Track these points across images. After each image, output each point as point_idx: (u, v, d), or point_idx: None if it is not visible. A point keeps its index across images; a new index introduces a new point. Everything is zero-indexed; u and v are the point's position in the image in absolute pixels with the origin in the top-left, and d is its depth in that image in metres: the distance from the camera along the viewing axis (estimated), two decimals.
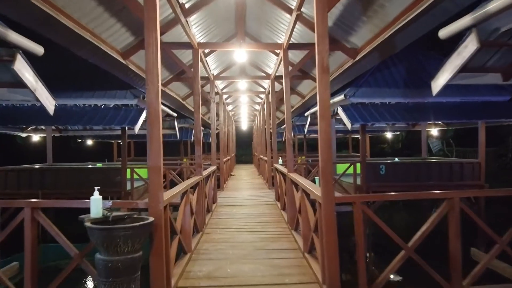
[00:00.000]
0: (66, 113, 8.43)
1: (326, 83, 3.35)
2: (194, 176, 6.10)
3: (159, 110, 3.28)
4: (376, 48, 5.75)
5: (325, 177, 3.28)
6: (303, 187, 4.47)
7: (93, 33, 5.09)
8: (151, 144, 3.23)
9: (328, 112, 3.35)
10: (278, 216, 7.30)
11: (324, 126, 3.32)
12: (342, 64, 6.98)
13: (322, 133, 3.33)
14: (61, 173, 9.00)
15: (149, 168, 3.23)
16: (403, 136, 30.35)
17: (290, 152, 6.34)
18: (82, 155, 19.14)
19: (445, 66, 4.15)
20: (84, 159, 15.09)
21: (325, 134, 3.32)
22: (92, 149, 23.10)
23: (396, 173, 9.47)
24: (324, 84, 3.35)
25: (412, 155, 26.96)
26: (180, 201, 4.60)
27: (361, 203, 3.29)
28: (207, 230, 6.17)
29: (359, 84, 9.17)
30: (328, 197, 3.26)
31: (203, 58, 8.13)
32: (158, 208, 3.21)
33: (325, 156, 3.30)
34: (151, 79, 3.25)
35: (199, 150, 6.14)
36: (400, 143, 32.47)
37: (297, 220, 5.54)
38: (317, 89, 3.42)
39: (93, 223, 2.82)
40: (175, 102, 11.22)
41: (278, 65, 8.56)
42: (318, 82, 3.38)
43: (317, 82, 3.41)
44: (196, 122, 6.16)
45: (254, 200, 9.43)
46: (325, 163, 3.30)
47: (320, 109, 3.35)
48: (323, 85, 3.35)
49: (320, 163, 3.32)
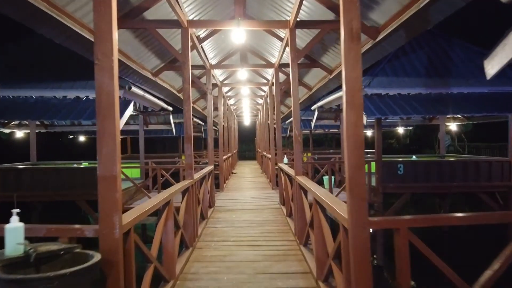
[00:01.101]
0: (43, 106, 7.44)
1: (357, 57, 2.33)
2: (184, 180, 5.10)
3: (115, 95, 2.27)
4: (403, 24, 4.70)
5: (355, 192, 2.26)
6: (319, 199, 3.45)
7: (54, 5, 4.08)
8: (102, 144, 2.23)
9: (359, 98, 2.33)
10: (283, 224, 6.30)
11: (353, 118, 2.30)
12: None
13: (350, 128, 2.30)
14: (40, 174, 8.03)
15: (99, 178, 2.24)
16: (411, 131, 29.21)
17: (299, 151, 5.31)
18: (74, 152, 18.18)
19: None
20: (75, 156, 14.14)
21: (354, 128, 2.30)
22: (84, 146, 21.84)
23: (416, 173, 8.41)
24: (353, 57, 2.33)
25: (420, 150, 25.86)
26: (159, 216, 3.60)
27: (408, 230, 2.27)
28: (199, 243, 5.18)
29: (375, 73, 8.10)
30: (360, 221, 2.25)
31: (197, 43, 7.10)
32: (113, 237, 2.22)
33: (355, 160, 2.28)
34: (102, 47, 2.25)
35: (189, 149, 5.13)
36: (408, 138, 31.32)
37: (307, 234, 4.54)
38: (342, 66, 2.39)
39: (5, 267, 1.84)
40: (170, 95, 10.21)
41: (283, 50, 7.51)
42: (345, 55, 2.35)
43: (342, 56, 2.39)
44: (186, 115, 5.15)
45: (256, 203, 8.43)
46: (354, 171, 2.27)
47: (347, 94, 2.32)
48: (352, 59, 2.33)
49: (347, 170, 2.30)
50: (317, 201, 3.65)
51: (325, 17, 5.67)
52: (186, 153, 5.13)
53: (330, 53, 7.58)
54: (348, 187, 2.29)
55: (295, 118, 5.37)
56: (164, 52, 7.63)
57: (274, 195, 9.66)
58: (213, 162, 8.46)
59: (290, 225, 6.05)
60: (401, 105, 7.60)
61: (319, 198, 3.44)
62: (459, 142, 26.25)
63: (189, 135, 5.14)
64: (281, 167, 7.64)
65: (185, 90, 5.14)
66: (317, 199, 3.58)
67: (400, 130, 23.55)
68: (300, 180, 4.90)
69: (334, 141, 27.45)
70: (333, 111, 11.73)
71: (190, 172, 5.16)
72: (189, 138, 5.15)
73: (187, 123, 5.18)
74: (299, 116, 5.40)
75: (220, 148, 11.46)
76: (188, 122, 5.18)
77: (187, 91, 5.15)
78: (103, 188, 2.23)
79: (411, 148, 26.26)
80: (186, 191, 4.85)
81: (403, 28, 4.83)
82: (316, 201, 3.70)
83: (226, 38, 9.35)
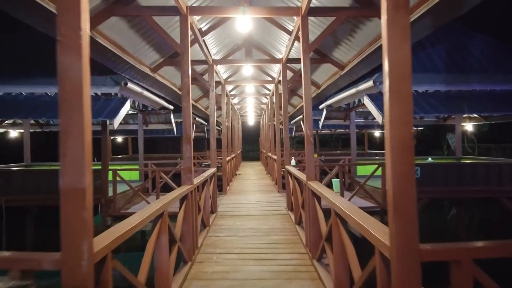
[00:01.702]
0: (33, 104, 6.92)
1: (404, 30, 1.77)
2: (182, 186, 4.54)
3: (84, 82, 1.72)
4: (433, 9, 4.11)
5: (402, 212, 1.69)
6: (341, 212, 2.87)
7: None
8: (65, 147, 1.68)
9: (407, 87, 1.76)
10: (292, 233, 5.73)
11: (399, 113, 1.73)
12: (380, 34, 5.35)
13: (395, 126, 1.73)
14: (31, 176, 7.51)
15: (62, 191, 1.69)
16: (418, 132, 28.53)
17: (311, 152, 4.73)
18: None
19: None
20: None
21: (401, 127, 1.72)
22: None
23: (434, 176, 7.80)
24: (400, 31, 1.76)
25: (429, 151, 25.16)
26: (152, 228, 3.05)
27: (473, 263, 1.69)
28: (200, 256, 4.63)
29: None
30: (407, 250, 1.68)
31: (199, 36, 6.54)
32: (81, 270, 1.67)
33: (402, 168, 1.71)
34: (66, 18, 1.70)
35: (188, 150, 4.57)
36: (415, 138, 30.62)
37: (322, 249, 3.97)
38: (383, 41, 1.82)
39: None
40: (171, 93, 9.67)
41: (291, 44, 6.94)
42: (387, 29, 1.78)
43: (383, 31, 1.82)
44: (185, 113, 4.59)
45: (262, 208, 7.86)
46: (401, 183, 1.70)
47: (392, 81, 1.75)
48: (398, 34, 1.76)
49: (390, 182, 1.73)
50: (337, 213, 3.08)
51: (340, 4, 5.11)
52: (185, 155, 4.57)
53: (342, 46, 7.00)
54: (391, 204, 1.72)
55: (307, 116, 4.80)
56: (164, 45, 7.10)
57: (280, 199, 9.09)
58: (216, 164, 7.89)
59: (300, 234, 5.49)
60: (419, 104, 6.99)
61: (341, 211, 2.87)
62: (469, 143, 25.54)
63: (188, 135, 4.58)
64: (289, 170, 7.07)
65: (184, 85, 4.58)
66: (337, 211, 3.01)
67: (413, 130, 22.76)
68: (313, 186, 4.33)
69: (340, 141, 26.83)
70: (342, 110, 11.13)
71: (189, 176, 4.60)
72: (188, 138, 4.59)
73: (186, 122, 4.62)
74: (311, 114, 4.82)
75: (224, 149, 10.90)
76: (187, 121, 4.62)
77: (186, 85, 4.59)
78: (67, 205, 1.68)
79: (418, 149, 25.48)
80: (185, 199, 4.30)
81: (430, 14, 4.25)
82: (336, 212, 3.13)
83: (230, 32, 8.81)
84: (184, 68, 4.66)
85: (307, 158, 4.81)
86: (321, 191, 3.86)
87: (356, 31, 6.03)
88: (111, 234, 2.10)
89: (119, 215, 7.32)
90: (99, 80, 6.82)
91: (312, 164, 4.78)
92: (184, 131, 4.63)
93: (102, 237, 2.01)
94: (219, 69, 10.85)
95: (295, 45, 8.39)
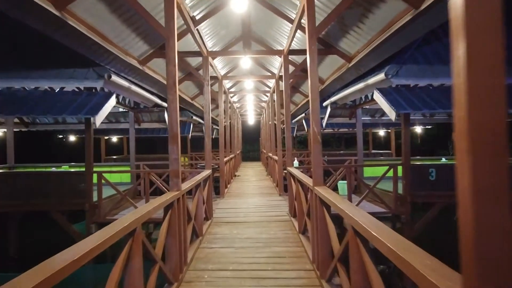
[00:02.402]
0: (10, 99, 6.26)
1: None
2: (167, 193, 3.86)
3: None
4: None
5: (489, 256, 1.02)
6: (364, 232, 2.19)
7: None
8: None
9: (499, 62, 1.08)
10: (296, 243, 5.06)
11: (480, 101, 1.05)
12: (395, 19, 4.67)
13: (475, 115, 1.06)
14: (8, 179, 6.84)
15: None
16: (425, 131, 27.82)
17: (318, 154, 4.05)
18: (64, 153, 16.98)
19: None
20: (63, 159, 12.95)
21: (487, 117, 1.05)
22: (75, 147, 20.34)
23: (450, 179, 7.11)
24: None
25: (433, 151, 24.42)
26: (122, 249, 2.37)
27: None
28: (188, 274, 3.96)
29: (403, 61, 6.82)
30: None
31: (191, 25, 5.87)
32: None
33: (489, 176, 1.04)
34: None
35: (175, 151, 3.90)
36: (419, 138, 29.87)
37: (334, 269, 3.29)
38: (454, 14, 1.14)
39: None
40: (164, 89, 8.99)
41: (293, 34, 6.26)
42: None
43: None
44: (171, 107, 3.92)
45: (262, 214, 7.18)
46: (486, 202, 1.03)
47: (470, 50, 1.07)
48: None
49: (468, 198, 1.06)
50: (357, 231, 2.41)
51: None
52: (171, 157, 3.90)
53: (350, 35, 6.32)
54: (469, 237, 1.05)
55: (314, 111, 4.12)
56: (152, 35, 6.42)
57: (282, 202, 8.42)
58: (211, 165, 7.21)
59: (305, 246, 4.81)
60: (438, 99, 6.32)
61: (365, 232, 2.18)
62: None
63: (175, 133, 3.91)
64: (291, 173, 6.39)
65: (170, 73, 3.91)
66: (359, 230, 2.33)
67: (417, 129, 21.98)
68: (321, 192, 3.65)
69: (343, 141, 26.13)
70: (347, 107, 10.46)
71: (176, 181, 3.92)
72: (175, 137, 3.91)
73: (173, 118, 3.94)
74: (318, 108, 4.14)
75: (221, 149, 10.21)
76: (173, 117, 3.94)
77: (172, 75, 3.91)
78: None
79: (422, 149, 24.73)
80: (170, 207, 3.62)
81: None
82: (355, 230, 2.45)
83: (228, 23, 8.15)
84: (170, 56, 3.99)
85: (313, 160, 4.13)
86: (333, 201, 3.18)
87: (367, 16, 5.35)
88: (42, 271, 1.42)
89: (104, 222, 6.65)
90: (80, 73, 6.16)
91: (319, 167, 4.10)
92: (170, 128, 3.96)
93: (30, 275, 1.33)
94: (217, 64, 10.18)
95: (297, 36, 7.71)
